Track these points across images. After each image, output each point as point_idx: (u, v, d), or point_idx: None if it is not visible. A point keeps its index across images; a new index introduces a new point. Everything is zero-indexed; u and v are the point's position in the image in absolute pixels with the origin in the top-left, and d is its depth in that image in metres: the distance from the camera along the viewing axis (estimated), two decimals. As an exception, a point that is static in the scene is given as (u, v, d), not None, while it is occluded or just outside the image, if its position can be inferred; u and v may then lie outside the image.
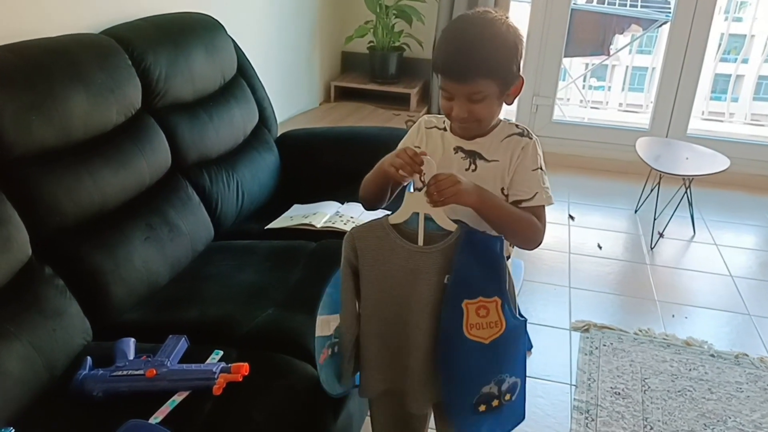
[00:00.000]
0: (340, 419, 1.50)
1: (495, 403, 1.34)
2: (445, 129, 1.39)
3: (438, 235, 1.27)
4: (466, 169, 1.35)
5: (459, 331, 1.26)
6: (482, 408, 1.34)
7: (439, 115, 1.41)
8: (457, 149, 1.36)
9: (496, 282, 1.27)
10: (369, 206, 1.46)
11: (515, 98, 1.35)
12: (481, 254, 1.26)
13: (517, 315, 1.31)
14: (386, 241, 1.30)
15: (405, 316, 1.32)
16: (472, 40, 1.25)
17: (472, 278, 1.26)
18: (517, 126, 1.38)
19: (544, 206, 1.34)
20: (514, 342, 1.32)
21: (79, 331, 1.56)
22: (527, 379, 1.39)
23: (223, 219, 2.15)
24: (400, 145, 1.41)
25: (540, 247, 1.37)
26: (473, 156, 1.35)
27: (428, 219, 1.27)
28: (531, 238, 1.34)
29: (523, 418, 1.42)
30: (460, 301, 1.26)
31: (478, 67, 1.24)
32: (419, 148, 1.31)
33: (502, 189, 1.35)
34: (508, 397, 1.36)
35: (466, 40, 1.26)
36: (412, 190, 1.28)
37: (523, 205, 1.32)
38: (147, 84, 1.96)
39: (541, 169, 1.34)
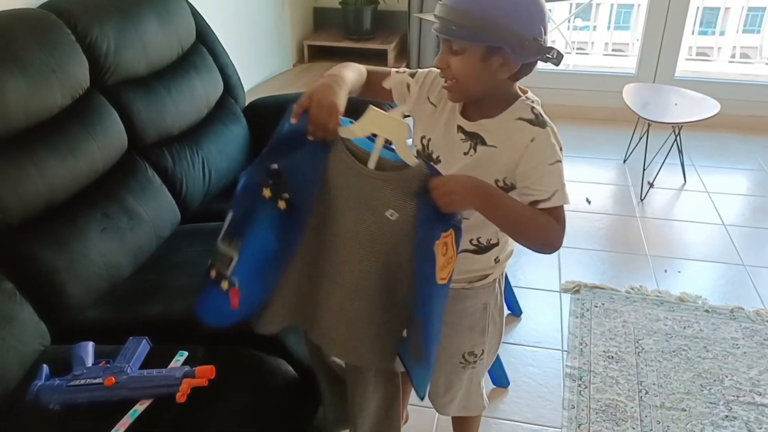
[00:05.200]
0: (318, 414, 1.41)
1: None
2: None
3: (390, 163, 1.12)
4: (465, 153, 1.21)
5: (433, 280, 1.12)
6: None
7: None
8: (459, 129, 1.22)
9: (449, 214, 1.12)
10: None
11: (510, 72, 1.15)
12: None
13: None
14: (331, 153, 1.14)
15: (334, 243, 1.18)
16: None
17: (434, 215, 1.11)
18: (532, 110, 1.19)
19: (563, 206, 1.16)
20: None
21: (34, 336, 1.45)
22: (517, 347, 1.27)
23: (190, 200, 2.02)
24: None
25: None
26: (474, 139, 1.21)
27: (385, 147, 1.11)
28: (546, 241, 1.15)
29: None
30: (432, 245, 1.10)
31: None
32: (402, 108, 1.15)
33: (497, 180, 1.19)
34: None
35: None
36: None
37: (542, 206, 1.14)
38: (94, 60, 1.80)
39: (560, 162, 1.17)
